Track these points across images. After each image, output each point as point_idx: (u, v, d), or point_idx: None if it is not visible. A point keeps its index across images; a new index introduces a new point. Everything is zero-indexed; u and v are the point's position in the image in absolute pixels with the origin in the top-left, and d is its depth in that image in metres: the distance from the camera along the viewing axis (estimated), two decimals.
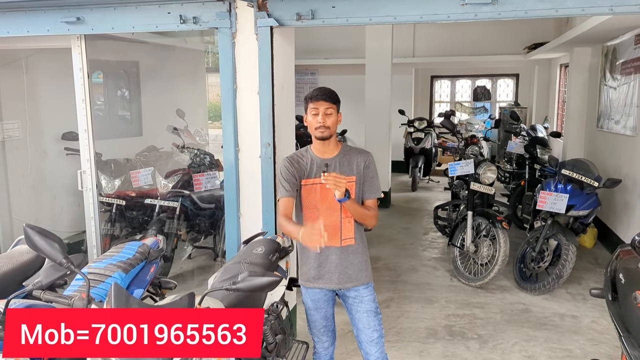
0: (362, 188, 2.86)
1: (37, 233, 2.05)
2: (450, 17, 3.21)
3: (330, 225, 2.80)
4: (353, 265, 2.88)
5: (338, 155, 2.86)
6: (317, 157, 2.86)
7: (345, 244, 2.86)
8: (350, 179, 2.81)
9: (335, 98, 2.81)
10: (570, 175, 5.30)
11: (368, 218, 2.85)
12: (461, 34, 10.60)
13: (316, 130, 2.78)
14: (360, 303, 2.93)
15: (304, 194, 2.86)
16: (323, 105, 2.76)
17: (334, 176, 2.61)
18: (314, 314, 3.01)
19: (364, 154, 2.91)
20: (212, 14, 3.57)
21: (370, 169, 2.88)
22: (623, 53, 6.13)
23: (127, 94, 7.02)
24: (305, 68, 11.83)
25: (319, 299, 2.97)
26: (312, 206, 2.85)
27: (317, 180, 2.80)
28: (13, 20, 3.97)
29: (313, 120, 2.78)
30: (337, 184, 2.60)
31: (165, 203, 5.32)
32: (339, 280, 2.88)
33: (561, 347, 4.17)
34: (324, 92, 2.78)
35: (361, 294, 2.92)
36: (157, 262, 3.22)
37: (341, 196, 2.64)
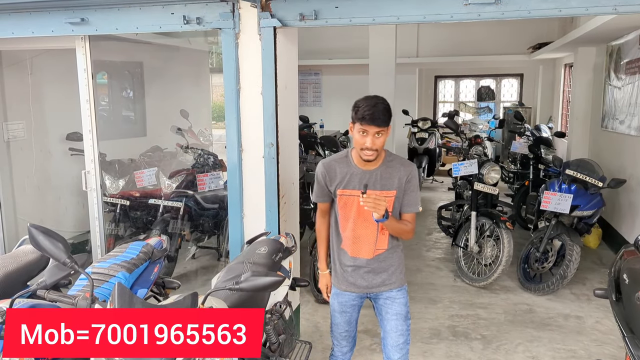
0: (401, 202, 2.75)
1: (41, 233, 2.06)
2: (454, 17, 3.20)
3: (365, 237, 2.77)
4: (386, 271, 2.83)
5: (380, 167, 2.70)
6: (357, 167, 2.71)
7: (378, 253, 2.80)
8: (390, 193, 2.69)
9: (388, 119, 2.56)
10: (574, 176, 5.28)
11: (405, 233, 2.78)
12: (465, 33, 10.58)
13: (362, 151, 2.60)
14: (392, 305, 2.87)
15: (340, 204, 2.76)
16: (374, 129, 2.54)
17: (374, 198, 2.50)
18: (338, 317, 2.96)
19: (408, 167, 2.74)
20: (215, 14, 3.58)
21: (411, 183, 2.73)
22: (627, 53, 6.11)
23: (131, 95, 7.04)
24: (309, 68, 11.85)
25: (346, 302, 2.92)
26: (347, 217, 2.76)
27: (354, 192, 2.68)
28: (18, 21, 3.98)
29: (360, 140, 2.58)
30: (376, 206, 2.50)
31: (169, 203, 5.33)
32: (371, 285, 2.85)
33: (565, 348, 4.16)
34: (377, 116, 2.51)
35: (393, 296, 2.86)
36: (160, 262, 3.23)
37: (379, 217, 2.55)
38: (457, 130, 7.18)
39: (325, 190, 2.79)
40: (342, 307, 2.93)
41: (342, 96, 11.82)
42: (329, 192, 2.80)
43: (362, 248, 2.78)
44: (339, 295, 2.93)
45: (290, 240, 3.45)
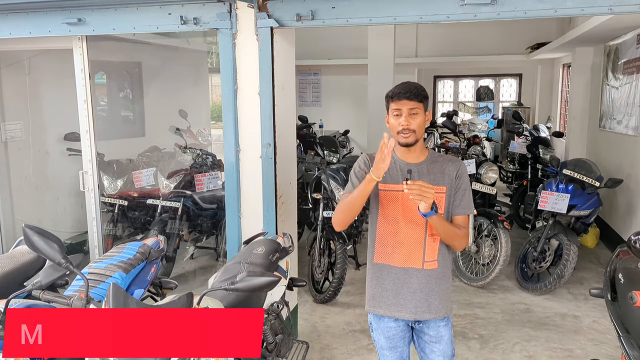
0: (452, 202, 2.43)
1: (36, 233, 2.06)
2: (450, 17, 3.21)
3: (412, 242, 2.41)
4: (435, 293, 2.44)
5: (425, 161, 2.44)
6: (400, 160, 2.43)
7: (428, 267, 2.42)
8: (440, 189, 2.38)
9: (422, 95, 2.35)
10: (571, 175, 5.30)
11: (457, 238, 2.39)
12: (464, 34, 10.59)
13: (399, 135, 2.36)
14: (438, 344, 2.50)
15: (382, 201, 2.43)
16: (407, 105, 2.32)
17: (420, 184, 2.17)
18: (387, 354, 2.55)
19: (456, 162, 2.47)
20: (212, 14, 3.58)
21: (462, 180, 2.43)
22: (625, 53, 6.12)
23: (130, 95, 7.04)
24: (308, 68, 11.85)
25: (394, 336, 2.52)
26: (390, 217, 2.43)
27: (398, 186, 2.36)
28: (15, 21, 3.99)
29: (395, 123, 2.35)
30: (423, 194, 2.17)
31: (168, 203, 5.33)
32: (416, 310, 2.44)
33: (562, 347, 4.17)
34: (408, 89, 2.33)
35: (440, 333, 2.49)
36: (157, 262, 3.23)
37: (427, 209, 2.23)
38: (455, 130, 7.20)
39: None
40: (391, 341, 2.53)
41: (341, 96, 11.86)
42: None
43: (409, 255, 2.42)
44: (382, 327, 2.54)
45: (288, 240, 3.46)
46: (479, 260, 5.41)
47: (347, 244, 4.97)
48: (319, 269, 5.06)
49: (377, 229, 2.48)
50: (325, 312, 4.80)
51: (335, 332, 4.42)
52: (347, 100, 11.71)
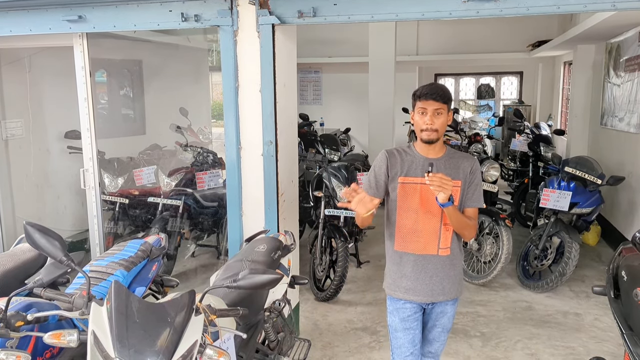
0: (465, 195, 2.63)
1: (37, 231, 2.05)
2: (452, 14, 3.19)
3: (427, 230, 2.61)
4: (449, 277, 2.67)
5: (443, 157, 2.63)
6: (420, 155, 2.62)
7: (442, 253, 2.64)
8: (456, 183, 2.57)
9: (446, 97, 2.54)
10: (573, 173, 5.28)
11: (468, 228, 2.61)
12: (465, 31, 10.58)
13: (422, 133, 2.55)
14: (441, 318, 2.76)
15: (401, 193, 2.62)
16: (432, 106, 2.51)
17: (440, 177, 2.38)
18: (401, 336, 2.73)
19: (471, 159, 2.68)
20: (213, 11, 3.57)
21: (475, 175, 2.64)
22: (627, 50, 6.10)
23: (131, 93, 7.03)
24: (309, 66, 11.84)
25: (408, 317, 2.71)
26: (409, 208, 2.61)
27: (417, 179, 2.57)
28: (15, 19, 3.98)
29: (420, 121, 2.54)
30: (443, 186, 2.37)
31: (169, 201, 5.32)
32: (432, 293, 2.66)
33: (564, 345, 4.16)
34: (435, 90, 2.52)
35: (445, 310, 2.75)
36: (159, 260, 3.22)
37: (445, 200, 2.42)
38: (456, 128, 7.18)
39: (380, 181, 2.64)
40: (405, 323, 2.72)
41: (342, 94, 11.84)
42: (384, 183, 2.64)
43: (426, 243, 2.62)
44: (399, 309, 2.72)
45: (290, 238, 3.45)
46: (480, 258, 5.40)
47: (349, 242, 4.96)
48: (321, 267, 5.05)
49: (398, 218, 2.66)
50: (327, 310, 4.79)
51: (336, 330, 4.42)
52: (348, 98, 11.70)
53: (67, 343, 1.93)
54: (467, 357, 3.99)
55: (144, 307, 1.89)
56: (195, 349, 1.84)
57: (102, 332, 1.80)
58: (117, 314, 1.81)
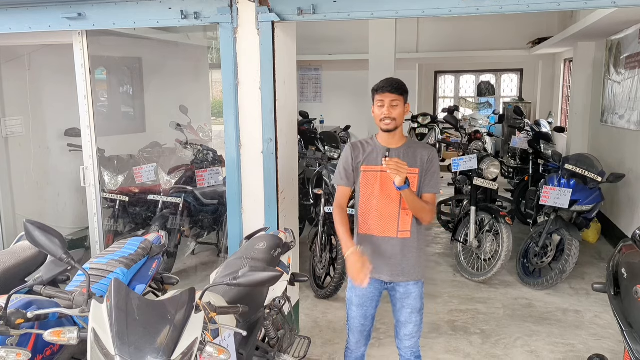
0: (422, 181, 2.84)
1: (37, 228, 2.05)
2: (452, 11, 3.19)
3: (387, 215, 2.82)
4: (407, 259, 2.86)
5: (403, 147, 2.85)
6: (381, 145, 2.85)
7: (402, 236, 2.84)
8: (413, 170, 2.79)
9: (402, 89, 2.77)
10: (573, 170, 5.28)
11: (425, 212, 2.81)
12: (465, 29, 10.56)
13: (381, 122, 2.77)
14: (407, 299, 2.91)
15: (363, 180, 2.86)
16: (389, 97, 2.74)
17: (396, 161, 2.61)
18: (355, 310, 2.98)
19: (429, 149, 2.89)
20: (213, 9, 3.56)
21: (433, 163, 2.85)
22: (627, 47, 6.10)
23: (130, 91, 7.02)
24: (309, 64, 11.82)
25: (365, 295, 2.94)
26: (370, 194, 2.85)
27: (377, 167, 2.80)
28: (15, 16, 3.97)
29: (379, 112, 2.77)
30: (398, 169, 2.60)
31: (169, 199, 5.32)
32: (392, 273, 2.86)
33: (564, 342, 4.16)
34: (390, 83, 2.75)
35: (409, 290, 2.90)
36: (159, 257, 3.22)
37: (401, 183, 2.63)
38: (457, 125, 7.18)
39: (349, 171, 2.87)
40: (360, 299, 2.95)
41: (342, 92, 11.83)
42: (352, 173, 2.87)
43: (387, 226, 2.83)
44: (357, 288, 2.91)
45: (290, 235, 3.45)
46: (480, 255, 5.41)
47: None
48: (321, 265, 5.05)
49: (360, 204, 2.90)
50: (327, 307, 4.80)
51: (337, 327, 4.42)
52: (348, 95, 11.68)
53: (68, 340, 1.93)
54: (467, 355, 4.00)
55: (144, 305, 1.89)
56: (195, 346, 1.84)
57: (103, 330, 1.80)
58: (117, 312, 1.81)
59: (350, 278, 2.73)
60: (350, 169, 2.87)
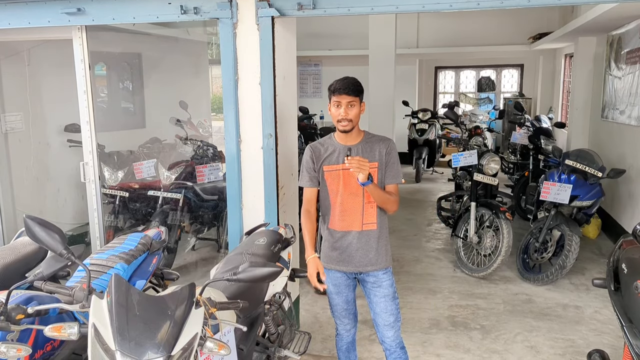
0: (384, 174, 2.91)
1: (38, 224, 2.05)
2: (453, 6, 3.18)
3: (351, 209, 2.90)
4: (373, 249, 2.94)
5: (360, 143, 2.91)
6: (339, 144, 2.92)
7: (366, 228, 2.92)
8: (373, 164, 2.85)
9: (358, 90, 2.81)
10: (574, 166, 5.28)
11: (390, 203, 2.89)
12: (465, 24, 10.53)
13: (338, 123, 2.83)
14: (379, 287, 2.98)
15: (327, 179, 2.93)
16: (345, 99, 2.78)
17: (358, 159, 2.69)
18: (335, 297, 3.08)
19: (386, 141, 2.95)
20: (213, 4, 3.55)
21: (391, 155, 2.92)
22: (628, 42, 6.08)
23: (130, 86, 7.01)
24: (309, 59, 11.80)
25: (339, 284, 3.03)
26: (334, 192, 2.92)
27: (339, 166, 2.88)
28: (14, 11, 3.96)
29: (336, 112, 2.82)
30: (360, 167, 2.67)
31: (169, 195, 5.32)
32: (359, 264, 2.94)
33: (564, 338, 4.17)
34: (347, 85, 2.79)
35: (380, 279, 2.97)
36: (159, 253, 3.23)
37: (364, 179, 2.70)
38: (457, 121, 7.15)
39: (312, 173, 2.95)
40: (337, 287, 3.05)
41: None
42: (316, 174, 2.96)
43: (351, 220, 2.92)
44: (331, 277, 3.03)
45: (290, 231, 3.45)
46: (480, 251, 5.41)
47: None
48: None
49: (324, 202, 3.00)
50: (327, 303, 4.77)
51: None
52: None
53: (68, 336, 1.93)
54: (467, 350, 4.00)
55: (144, 300, 1.89)
56: (195, 341, 1.84)
57: (103, 325, 1.80)
58: (118, 307, 1.81)
59: (309, 279, 2.87)
60: (312, 171, 2.95)
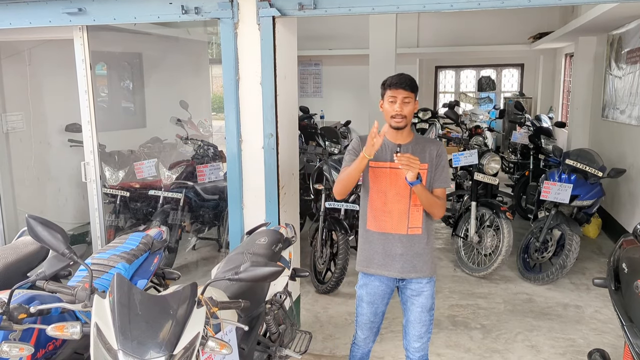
0: (432, 176, 2.81)
1: (40, 223, 2.05)
2: (454, 5, 3.18)
3: (397, 211, 2.78)
4: (419, 255, 2.81)
5: (410, 143, 2.81)
6: (389, 141, 2.80)
7: (412, 232, 2.80)
8: (423, 166, 2.74)
9: (414, 86, 2.73)
10: (574, 165, 5.28)
11: (436, 206, 2.78)
12: (466, 23, 10.53)
13: (392, 119, 2.73)
14: (418, 297, 2.86)
15: (372, 176, 2.82)
16: (401, 94, 2.69)
17: (407, 157, 2.57)
18: (365, 307, 2.94)
19: (437, 143, 2.87)
20: (213, 4, 3.55)
21: (441, 158, 2.82)
22: (629, 42, 6.08)
23: (131, 86, 7.02)
24: (309, 59, 11.80)
25: (375, 293, 2.90)
26: (379, 190, 2.80)
27: (386, 163, 2.76)
28: (15, 11, 3.96)
29: (390, 108, 2.72)
30: (410, 165, 2.56)
31: (169, 194, 5.33)
32: (403, 269, 2.81)
33: (564, 337, 4.17)
34: (404, 80, 2.70)
35: (421, 288, 2.85)
36: (160, 252, 3.23)
37: (413, 178, 2.61)
38: (457, 120, 7.16)
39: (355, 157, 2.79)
40: (371, 297, 2.91)
41: (342, 87, 11.81)
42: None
43: (396, 223, 2.79)
44: (368, 284, 2.90)
45: (290, 230, 3.45)
46: (481, 250, 5.41)
47: (349, 235, 4.97)
48: (321, 260, 5.06)
49: (369, 200, 2.85)
50: (328, 302, 4.80)
51: (337, 322, 4.43)
52: (348, 91, 11.66)
53: (70, 335, 1.94)
54: (467, 349, 4.01)
55: (146, 300, 1.89)
56: (197, 340, 1.84)
57: (105, 324, 1.80)
58: (120, 306, 1.81)
59: (368, 145, 2.61)
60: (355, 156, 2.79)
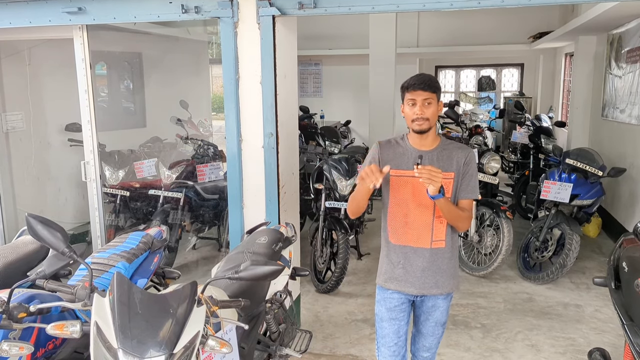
0: (459, 186, 2.59)
1: (40, 222, 2.05)
2: (454, 5, 3.18)
3: (419, 223, 2.58)
4: (442, 271, 2.63)
5: (436, 149, 2.58)
6: (413, 147, 2.59)
7: (436, 246, 2.60)
8: (448, 175, 2.54)
9: (435, 86, 2.51)
10: (574, 165, 5.28)
11: (461, 220, 2.56)
12: (466, 23, 10.53)
13: (413, 123, 2.51)
14: (434, 312, 2.72)
15: (393, 185, 2.60)
16: (421, 96, 2.47)
17: (429, 169, 2.36)
18: (386, 326, 2.72)
19: (466, 150, 2.62)
20: (213, 3, 3.55)
21: (470, 166, 2.59)
22: (629, 41, 6.08)
23: (131, 86, 7.02)
24: (309, 59, 11.80)
25: (395, 308, 2.70)
26: (401, 201, 2.60)
27: (408, 172, 2.53)
28: (15, 11, 3.96)
29: (410, 112, 2.51)
30: (432, 178, 2.34)
31: (169, 194, 5.33)
32: (424, 286, 2.63)
33: (564, 336, 4.17)
34: (423, 80, 2.49)
35: (437, 304, 2.71)
36: (160, 252, 3.23)
37: (435, 192, 2.40)
38: (457, 120, 7.17)
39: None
40: (391, 313, 2.71)
41: (342, 87, 11.82)
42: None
43: (418, 236, 2.60)
44: (387, 299, 2.71)
45: (290, 230, 3.45)
46: (481, 250, 5.41)
47: (349, 234, 4.97)
48: (321, 259, 5.06)
49: (389, 211, 2.65)
50: (328, 301, 4.81)
51: (337, 321, 4.43)
52: (348, 90, 11.68)
53: (70, 334, 1.93)
54: (467, 349, 4.01)
55: (146, 298, 1.89)
56: (197, 339, 1.84)
57: (105, 323, 1.80)
58: (120, 305, 1.81)
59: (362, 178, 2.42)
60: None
